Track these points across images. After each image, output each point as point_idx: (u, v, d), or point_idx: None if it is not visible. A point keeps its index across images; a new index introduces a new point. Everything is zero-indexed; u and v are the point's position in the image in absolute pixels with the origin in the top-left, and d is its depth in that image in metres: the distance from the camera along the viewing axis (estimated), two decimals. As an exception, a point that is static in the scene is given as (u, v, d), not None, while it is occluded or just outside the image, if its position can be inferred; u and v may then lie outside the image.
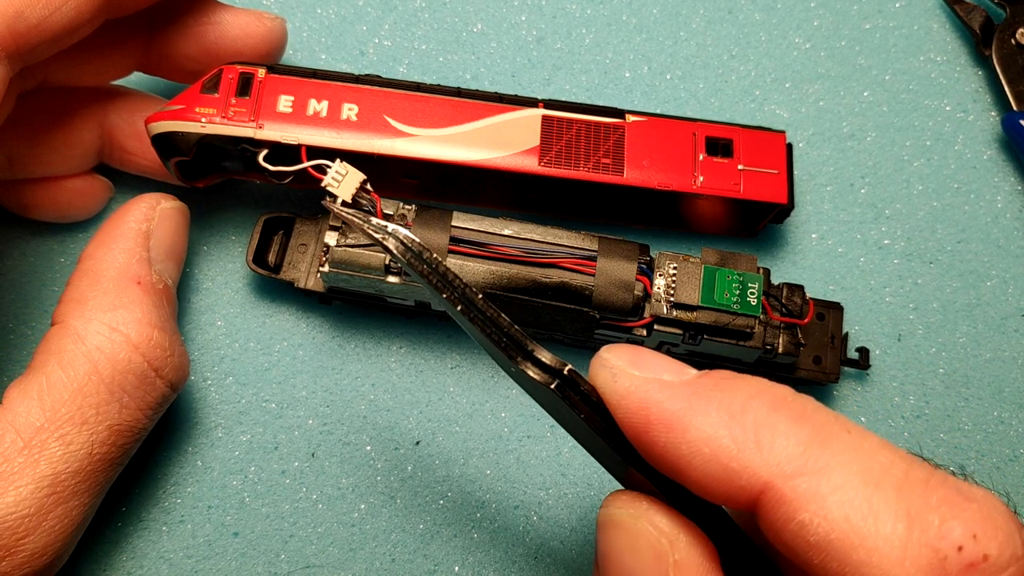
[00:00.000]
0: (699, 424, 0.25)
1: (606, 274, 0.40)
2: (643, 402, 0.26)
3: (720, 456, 0.25)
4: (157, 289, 0.39)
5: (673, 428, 0.25)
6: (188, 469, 0.44)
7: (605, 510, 0.28)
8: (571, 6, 0.53)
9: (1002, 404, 0.46)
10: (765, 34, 0.53)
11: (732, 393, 0.26)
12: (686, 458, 0.25)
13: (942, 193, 0.50)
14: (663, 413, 0.26)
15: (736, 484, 0.24)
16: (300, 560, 0.43)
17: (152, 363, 0.37)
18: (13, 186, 0.44)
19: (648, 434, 0.26)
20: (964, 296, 0.48)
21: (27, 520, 0.33)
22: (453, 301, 0.27)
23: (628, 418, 0.26)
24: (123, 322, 0.37)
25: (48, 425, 0.34)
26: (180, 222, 0.42)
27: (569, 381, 0.27)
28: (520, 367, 0.27)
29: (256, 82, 0.42)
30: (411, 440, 0.45)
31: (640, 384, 0.26)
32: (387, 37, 0.52)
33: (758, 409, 0.25)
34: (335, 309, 0.47)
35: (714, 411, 0.25)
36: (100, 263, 0.39)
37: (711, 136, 0.44)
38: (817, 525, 0.23)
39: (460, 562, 0.43)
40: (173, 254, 0.42)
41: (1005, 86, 0.51)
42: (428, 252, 0.28)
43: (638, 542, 0.27)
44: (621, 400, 0.27)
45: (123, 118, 0.44)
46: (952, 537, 0.22)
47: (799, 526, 0.23)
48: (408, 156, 0.42)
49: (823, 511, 0.23)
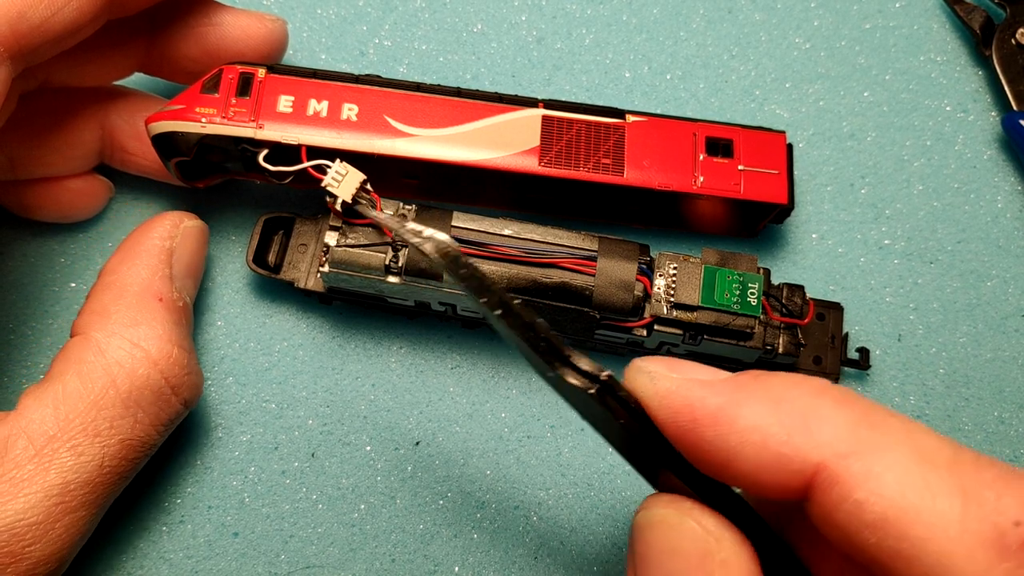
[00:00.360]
0: (746, 414, 0.25)
1: (606, 274, 0.40)
2: (686, 399, 0.26)
3: (770, 442, 0.25)
4: (177, 307, 0.40)
5: (720, 421, 0.26)
6: (188, 469, 0.44)
7: (645, 512, 0.28)
8: (571, 6, 0.53)
9: (1002, 404, 0.46)
10: (765, 34, 0.53)
11: (772, 385, 0.26)
12: (736, 448, 0.25)
13: (942, 193, 0.50)
14: (707, 408, 0.26)
15: (789, 469, 0.25)
16: (300, 560, 0.43)
17: (169, 380, 0.38)
18: (14, 186, 0.44)
19: (695, 431, 0.26)
20: (964, 296, 0.48)
21: (35, 528, 0.33)
22: (491, 305, 0.27)
23: (672, 417, 0.27)
24: (144, 338, 0.37)
25: (61, 434, 0.35)
26: (201, 241, 0.43)
27: (607, 387, 0.27)
28: (558, 372, 0.27)
29: (256, 82, 0.42)
30: (411, 440, 0.45)
31: (681, 384, 0.27)
32: (387, 37, 0.52)
33: (801, 396, 0.25)
34: (335, 309, 0.47)
35: (758, 401, 0.26)
36: (123, 278, 0.39)
37: (711, 136, 0.44)
38: (873, 503, 0.23)
39: (460, 562, 0.43)
40: (192, 272, 0.42)
41: (1005, 86, 0.51)
42: (465, 257, 0.29)
43: (683, 542, 0.27)
44: (663, 400, 0.27)
45: (124, 118, 0.44)
46: (1009, 512, 0.22)
47: (855, 505, 0.23)
48: (408, 156, 0.42)
49: (879, 489, 0.23)
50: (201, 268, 0.44)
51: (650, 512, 0.28)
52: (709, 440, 0.26)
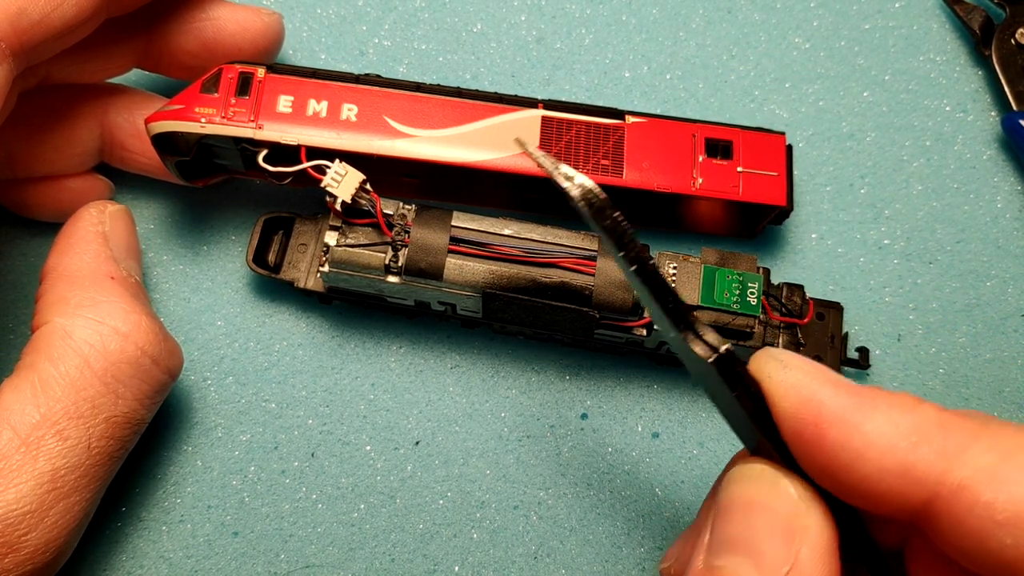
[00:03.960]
0: (875, 418, 0.26)
1: (606, 274, 0.40)
2: (815, 393, 0.27)
3: (895, 452, 0.25)
4: (131, 282, 0.39)
5: (847, 422, 0.26)
6: (188, 469, 0.44)
7: (742, 467, 0.29)
8: (571, 6, 0.53)
9: (1002, 404, 0.46)
10: (765, 34, 0.53)
11: (891, 396, 0.27)
12: (859, 450, 0.26)
13: (942, 193, 0.50)
14: (836, 406, 0.26)
15: (912, 477, 0.25)
16: (300, 560, 0.43)
17: (145, 351, 0.37)
18: (14, 185, 0.44)
19: (818, 426, 0.26)
20: (964, 296, 0.48)
21: (28, 517, 0.33)
22: (628, 261, 0.28)
23: (797, 408, 0.27)
24: (108, 314, 0.37)
25: (44, 421, 0.34)
26: (128, 222, 0.43)
27: (724, 359, 0.28)
28: (683, 335, 0.28)
29: (256, 82, 0.42)
30: (411, 440, 0.45)
31: (812, 379, 0.27)
32: (387, 37, 0.52)
33: (927, 410, 0.26)
34: (335, 309, 0.47)
35: (883, 411, 0.26)
36: (69, 267, 0.39)
37: (711, 137, 0.44)
38: (1004, 503, 0.24)
39: (460, 562, 0.43)
40: (132, 252, 0.42)
41: (1005, 86, 0.51)
42: (611, 208, 0.29)
43: (775, 501, 0.27)
44: (791, 389, 0.27)
45: (123, 117, 0.44)
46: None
47: (985, 507, 0.24)
48: (408, 157, 0.42)
49: (1009, 489, 0.24)
50: (138, 248, 0.43)
51: (747, 467, 0.28)
52: (831, 439, 0.26)
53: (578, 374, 0.46)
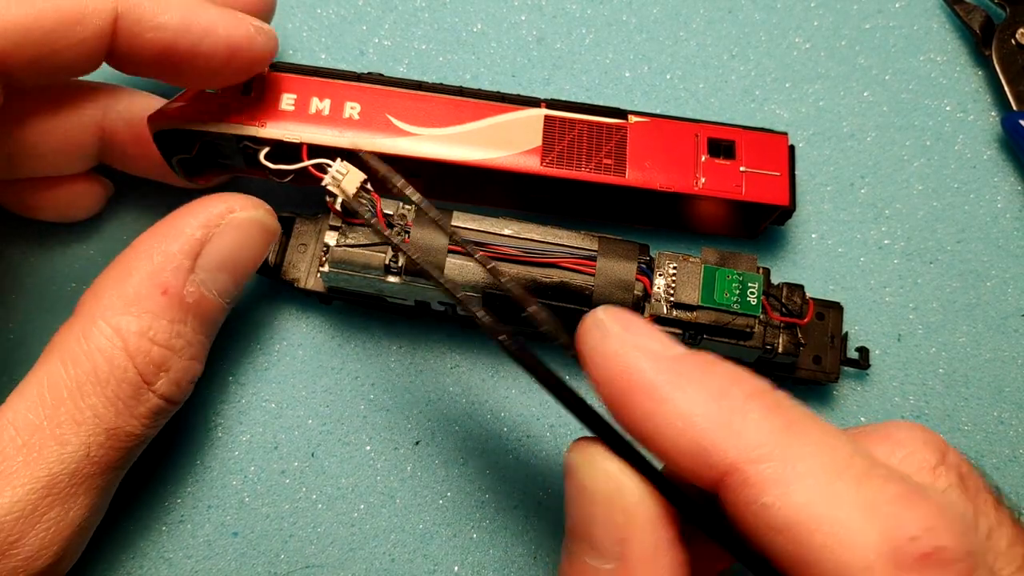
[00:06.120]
0: (678, 399, 0.26)
1: (606, 274, 0.40)
2: (627, 368, 0.27)
3: (692, 433, 0.26)
4: (186, 303, 0.37)
5: (652, 398, 0.27)
6: (188, 469, 0.44)
7: (567, 454, 0.29)
8: (571, 6, 0.53)
9: (1002, 404, 0.46)
10: (765, 34, 0.53)
11: (713, 376, 0.27)
12: (660, 428, 0.26)
13: (942, 193, 0.50)
14: (645, 381, 0.27)
15: (704, 461, 0.26)
16: (300, 560, 0.43)
17: (145, 376, 0.36)
18: (13, 186, 0.44)
19: (627, 397, 0.27)
20: (964, 296, 0.48)
21: (22, 522, 0.33)
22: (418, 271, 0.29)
23: (610, 379, 0.28)
24: (127, 328, 0.35)
25: (46, 424, 0.34)
26: (251, 234, 0.39)
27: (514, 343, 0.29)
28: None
29: (258, 80, 0.42)
30: (411, 440, 0.45)
31: (629, 350, 0.28)
32: (387, 37, 0.52)
33: (736, 395, 0.26)
34: (335, 309, 0.47)
35: (694, 389, 0.26)
36: (135, 260, 0.37)
37: (713, 137, 0.44)
38: (779, 508, 0.24)
39: (459, 562, 0.43)
40: (228, 268, 0.38)
41: (1005, 86, 0.51)
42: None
43: (595, 486, 0.28)
44: (605, 360, 0.28)
45: (123, 117, 0.44)
46: (907, 527, 0.23)
47: (762, 508, 0.24)
48: (410, 155, 0.42)
49: (786, 495, 0.24)
50: (247, 265, 0.39)
51: (568, 455, 0.29)
52: (639, 412, 0.27)
53: (578, 374, 0.46)
